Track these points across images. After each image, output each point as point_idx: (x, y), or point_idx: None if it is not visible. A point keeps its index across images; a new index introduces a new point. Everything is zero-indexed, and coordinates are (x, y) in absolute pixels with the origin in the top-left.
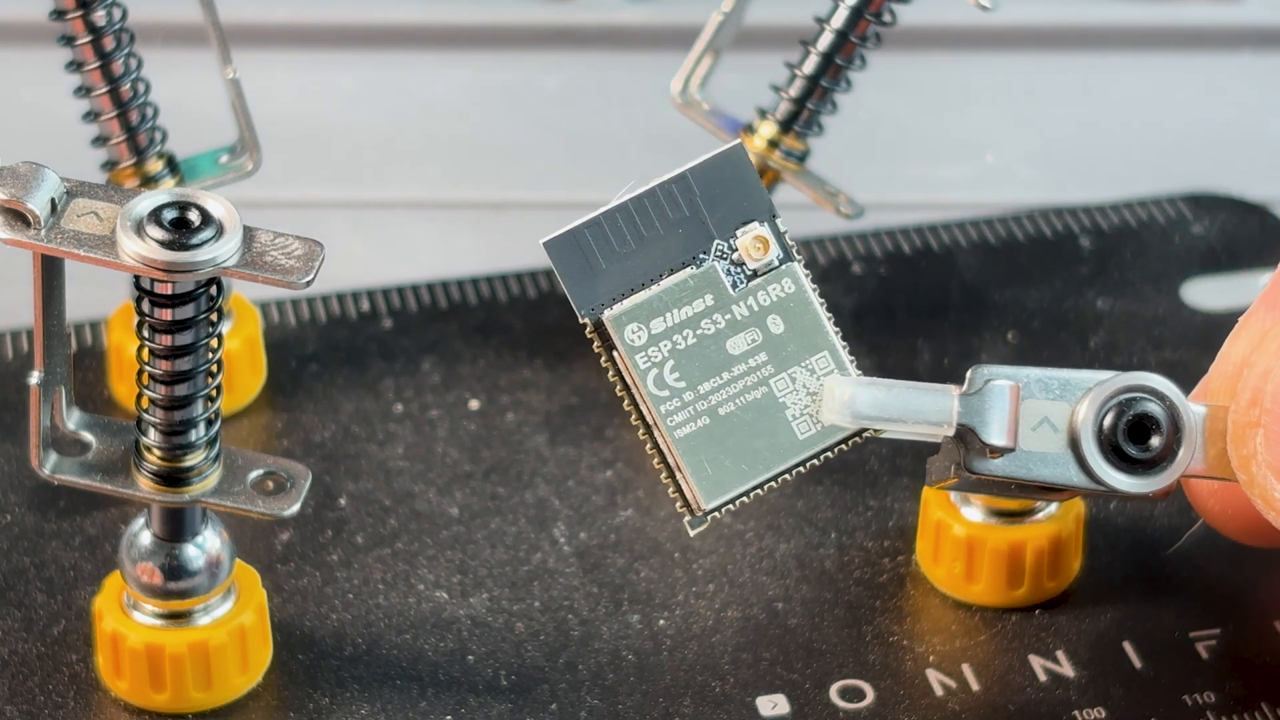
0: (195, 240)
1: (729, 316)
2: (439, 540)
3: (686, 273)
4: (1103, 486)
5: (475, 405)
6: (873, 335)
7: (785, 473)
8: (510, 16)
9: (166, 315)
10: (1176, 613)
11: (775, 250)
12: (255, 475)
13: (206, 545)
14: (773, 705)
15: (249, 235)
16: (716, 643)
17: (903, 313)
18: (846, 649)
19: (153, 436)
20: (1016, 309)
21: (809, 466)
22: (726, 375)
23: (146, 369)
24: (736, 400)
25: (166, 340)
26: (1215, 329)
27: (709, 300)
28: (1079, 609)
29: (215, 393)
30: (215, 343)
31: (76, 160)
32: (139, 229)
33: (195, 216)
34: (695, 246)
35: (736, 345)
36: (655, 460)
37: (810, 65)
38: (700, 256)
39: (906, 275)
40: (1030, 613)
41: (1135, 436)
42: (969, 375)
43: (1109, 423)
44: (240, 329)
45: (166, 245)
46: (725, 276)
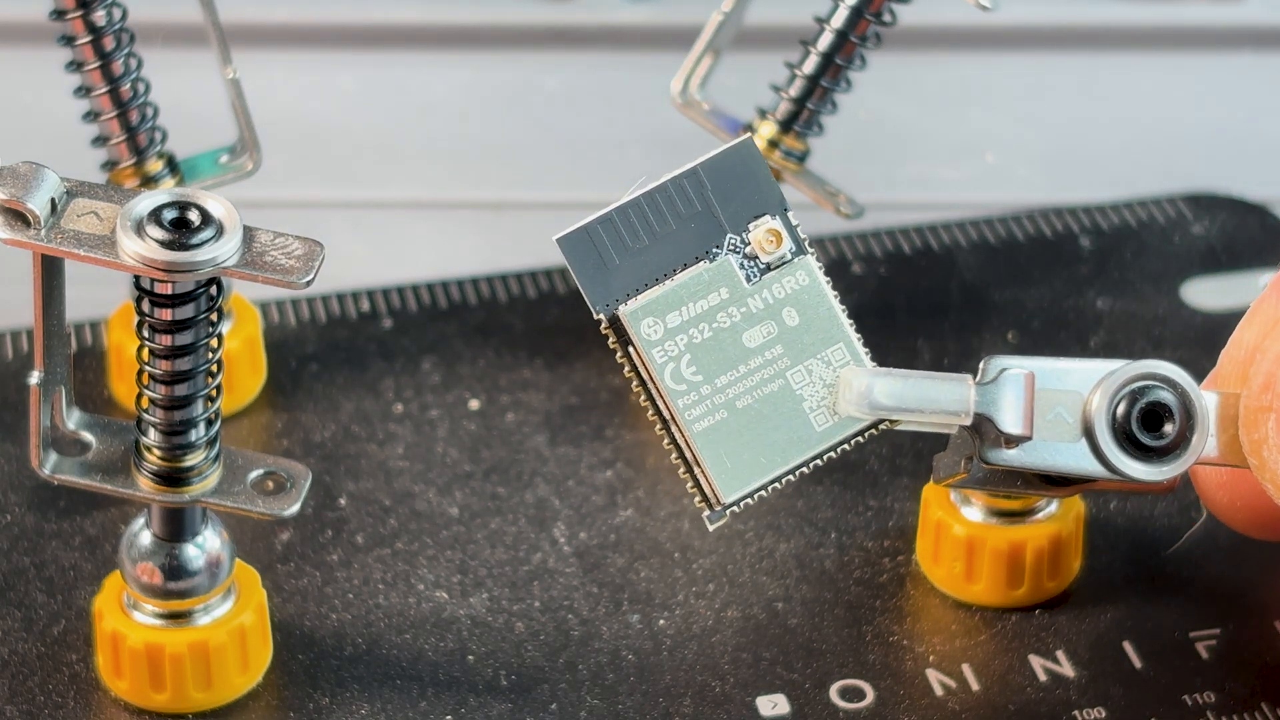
0: (195, 240)
1: (744, 310)
2: (439, 540)
3: (700, 267)
4: (1118, 475)
5: (475, 405)
6: (873, 335)
7: (803, 465)
8: (510, 16)
9: (166, 315)
10: (1176, 613)
11: (788, 243)
12: (255, 475)
13: (206, 545)
14: (773, 705)
15: (249, 235)
16: (716, 643)
17: (903, 313)
18: (846, 649)
19: (153, 436)
20: (1016, 309)
21: (826, 459)
22: (743, 368)
23: (146, 369)
24: (754, 393)
25: (166, 340)
26: (1215, 329)
27: (724, 294)
28: (1079, 609)
29: (215, 393)
30: (215, 343)
31: (76, 160)
32: (139, 229)
33: (195, 216)
34: (708, 241)
35: (752, 338)
36: (673, 456)
37: (810, 65)
38: (713, 250)
39: (906, 275)
40: (1030, 613)
41: (1148, 424)
42: (982, 366)
43: (1122, 411)
44: (240, 329)
45: (166, 245)
46: (739, 270)
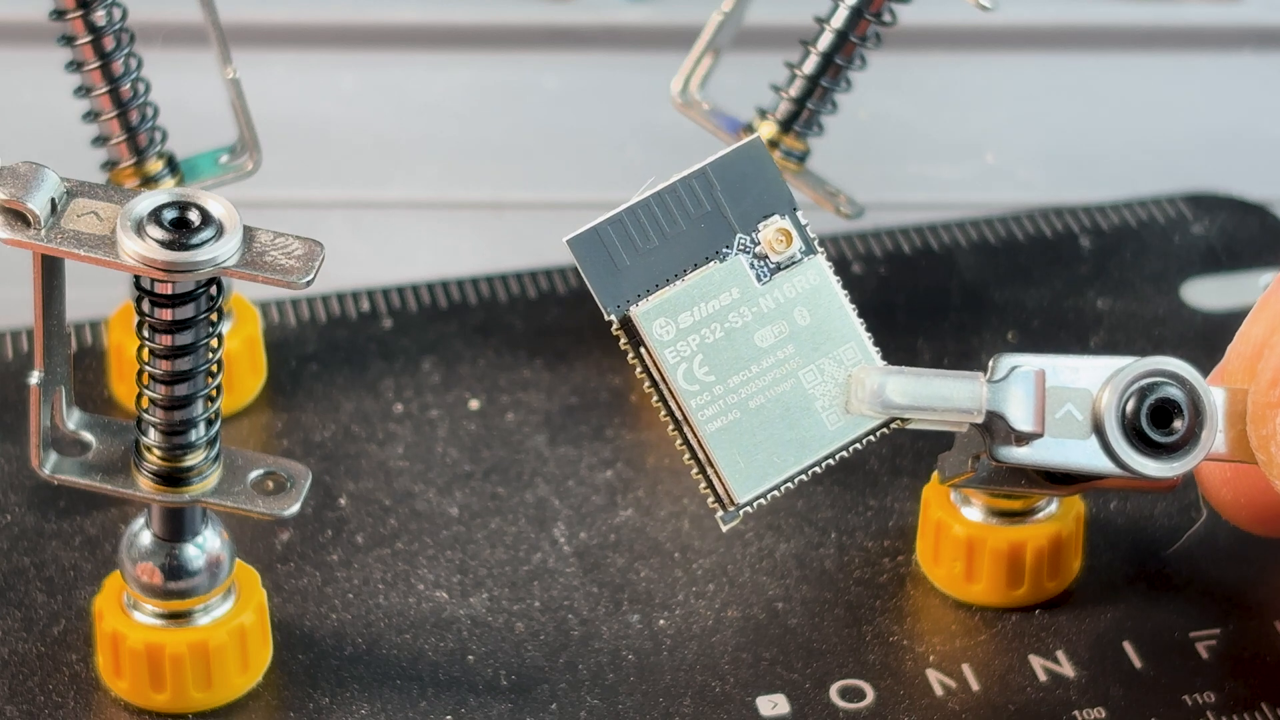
0: (195, 240)
1: (755, 309)
2: (439, 540)
3: (711, 267)
4: (1129, 472)
5: (475, 405)
6: (873, 335)
7: (816, 465)
8: (510, 16)
9: (166, 315)
10: (1176, 613)
11: (798, 243)
12: (255, 475)
13: (206, 545)
14: (773, 705)
15: (249, 235)
16: (716, 643)
17: (903, 313)
18: (846, 649)
19: (153, 436)
20: (1016, 309)
21: (839, 458)
22: (755, 368)
23: (146, 369)
24: (766, 393)
25: (166, 340)
26: (1215, 329)
27: (735, 294)
28: (1079, 609)
29: (215, 393)
30: (215, 343)
31: (76, 160)
32: (139, 229)
33: (195, 216)
34: (718, 241)
35: (764, 338)
36: (685, 456)
37: (810, 65)
38: (724, 250)
39: (906, 275)
40: (1030, 613)
41: (1157, 421)
42: (991, 363)
43: (1131, 408)
44: (240, 329)
45: (166, 245)
46: (750, 269)
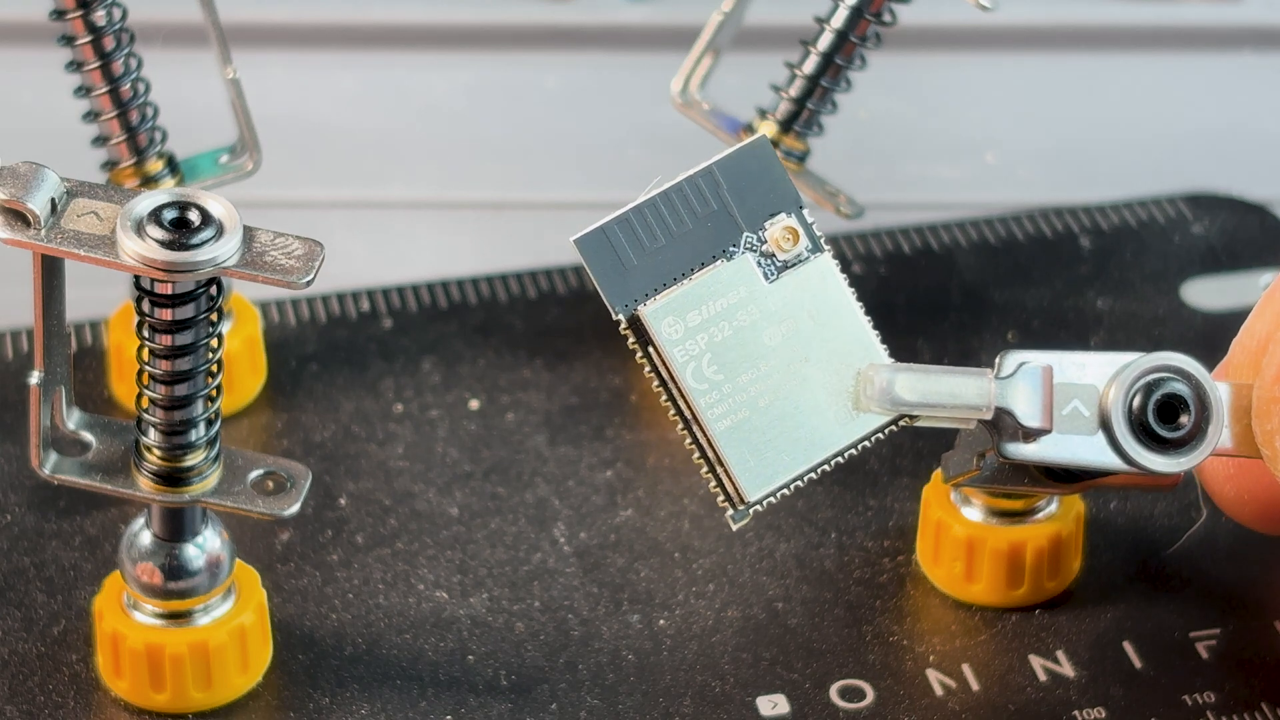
0: (195, 240)
1: (763, 308)
2: (439, 540)
3: (718, 265)
4: (1136, 468)
5: (475, 405)
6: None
7: (826, 463)
8: (510, 16)
9: (166, 315)
10: (1176, 613)
11: (804, 241)
12: (255, 475)
13: (206, 545)
14: (773, 705)
15: (249, 235)
16: (716, 643)
17: (903, 313)
18: (846, 649)
19: (153, 436)
20: (1016, 309)
21: (848, 456)
22: (764, 366)
23: (146, 369)
24: (775, 391)
25: (166, 340)
26: (1215, 329)
27: (742, 292)
28: (1079, 609)
29: (215, 393)
30: (215, 343)
31: (76, 160)
32: (139, 229)
33: (195, 216)
34: (725, 240)
35: (772, 336)
36: (695, 455)
37: (810, 65)
38: (730, 249)
39: (906, 275)
40: (1030, 613)
41: (1164, 416)
42: (998, 360)
43: (1138, 404)
44: (240, 329)
45: (166, 245)
46: (757, 268)
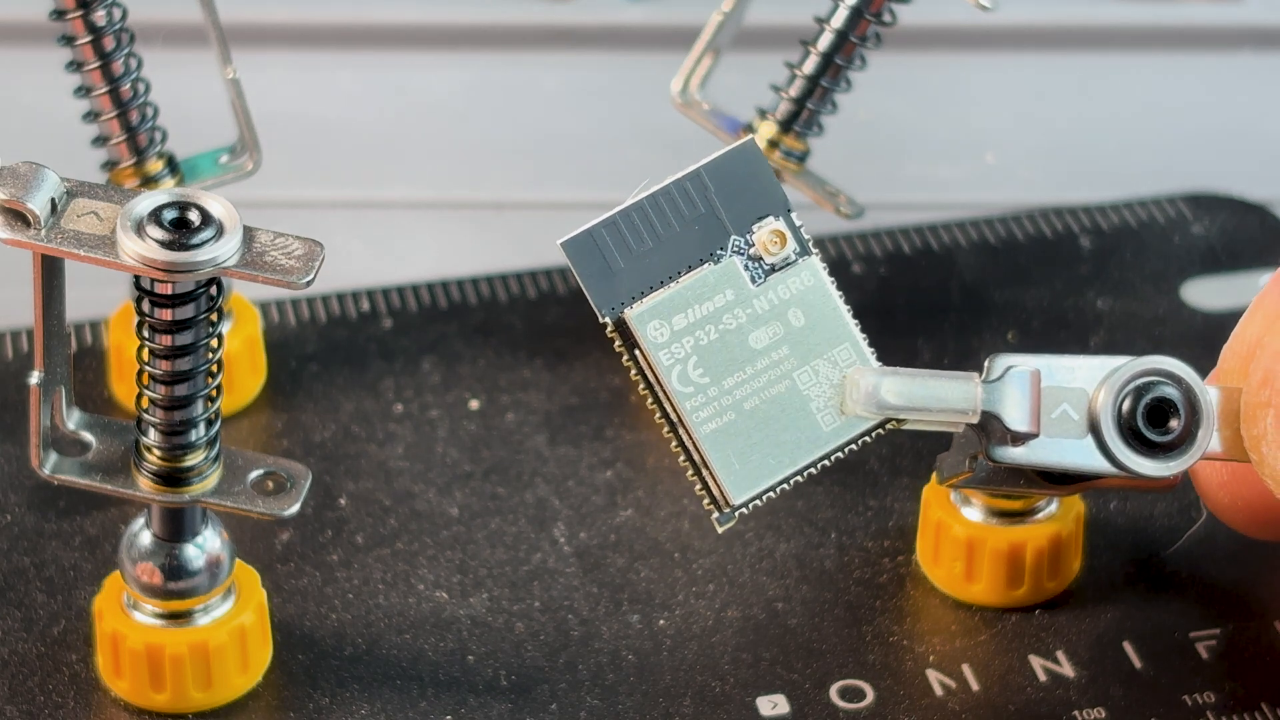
0: (195, 240)
1: (750, 311)
2: (439, 540)
3: (705, 269)
4: (1125, 471)
5: (475, 405)
6: (873, 335)
7: (811, 466)
8: (510, 16)
9: (166, 315)
10: (1176, 613)
11: (792, 244)
12: (255, 475)
13: (206, 545)
14: (773, 705)
15: (249, 235)
16: (716, 643)
17: (903, 313)
18: (846, 649)
19: (153, 436)
20: (1016, 309)
21: (834, 459)
22: (750, 370)
23: (146, 369)
24: (761, 394)
25: (166, 340)
26: (1215, 329)
27: (729, 295)
28: (1079, 609)
29: (215, 393)
30: (215, 343)
31: (76, 160)
32: (139, 229)
33: (195, 216)
34: (712, 243)
35: (759, 339)
36: (681, 459)
37: (810, 65)
38: (718, 252)
39: (906, 275)
40: (1030, 613)
41: (1154, 420)
42: (987, 364)
43: (1127, 407)
44: (240, 329)
45: (166, 245)
46: (744, 271)
